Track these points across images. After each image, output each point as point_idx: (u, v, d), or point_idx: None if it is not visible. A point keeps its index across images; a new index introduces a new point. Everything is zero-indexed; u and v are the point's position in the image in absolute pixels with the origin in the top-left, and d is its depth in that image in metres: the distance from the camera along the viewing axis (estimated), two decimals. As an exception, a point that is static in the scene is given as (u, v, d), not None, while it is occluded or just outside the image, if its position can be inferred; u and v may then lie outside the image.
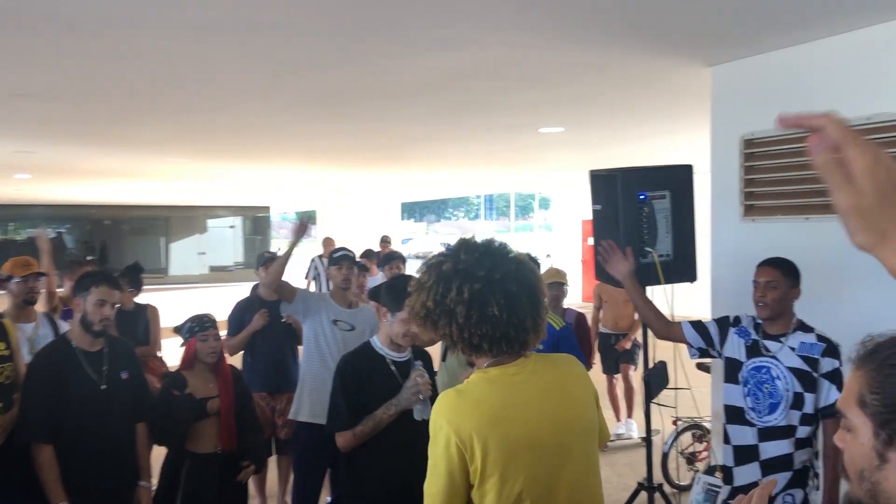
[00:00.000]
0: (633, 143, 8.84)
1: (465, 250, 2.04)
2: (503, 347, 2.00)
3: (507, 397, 1.99)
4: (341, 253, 4.79)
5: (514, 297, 1.99)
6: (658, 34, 4.00)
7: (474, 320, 1.96)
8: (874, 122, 3.67)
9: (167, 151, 9.44)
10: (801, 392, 3.27)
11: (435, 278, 2.02)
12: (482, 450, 1.91)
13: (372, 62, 4.57)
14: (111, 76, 4.93)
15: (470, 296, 1.96)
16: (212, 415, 3.90)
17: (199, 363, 4.00)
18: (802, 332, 3.36)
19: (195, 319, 4.05)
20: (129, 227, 26.90)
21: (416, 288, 2.09)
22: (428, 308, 2.02)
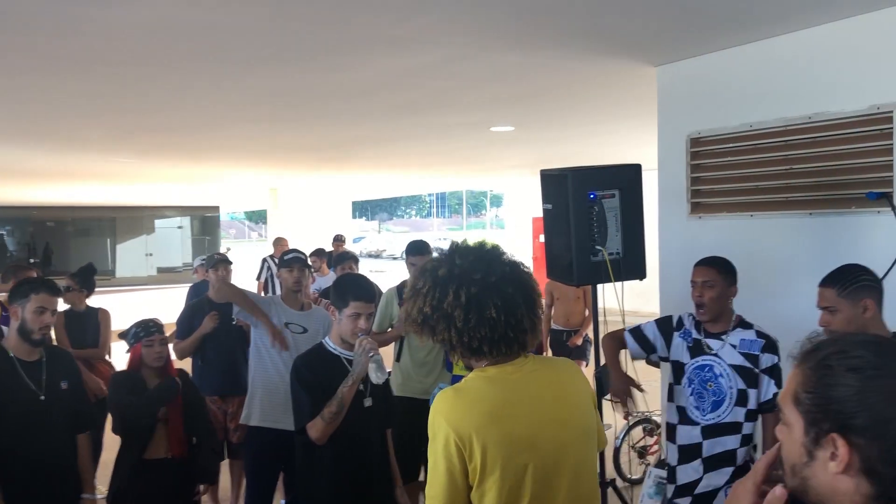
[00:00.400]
0: (583, 142, 8.93)
1: (460, 255, 2.06)
2: (502, 349, 2.01)
3: (505, 396, 1.99)
4: (292, 255, 4.74)
5: (511, 299, 2.00)
6: (604, 35, 4.05)
7: (473, 323, 1.97)
8: (814, 122, 3.76)
9: (111, 151, 9.25)
10: (744, 388, 3.33)
11: (431, 283, 2.03)
12: (481, 448, 1.90)
13: (321, 60, 4.53)
14: (52, 76, 4.81)
15: (467, 299, 1.97)
16: (160, 421, 3.83)
17: (145, 368, 3.91)
18: (742, 329, 3.42)
19: (140, 324, 3.98)
20: (73, 229, 26.31)
21: (411, 294, 2.09)
22: (425, 314, 2.02)
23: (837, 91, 3.68)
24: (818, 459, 1.14)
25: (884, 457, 1.07)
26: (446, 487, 1.94)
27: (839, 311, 2.81)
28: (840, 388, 1.12)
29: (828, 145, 3.74)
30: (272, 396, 4.45)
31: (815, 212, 3.82)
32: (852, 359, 1.13)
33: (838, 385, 1.12)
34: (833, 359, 1.15)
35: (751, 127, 4.07)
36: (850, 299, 2.80)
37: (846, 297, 2.80)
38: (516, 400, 1.98)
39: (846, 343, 1.17)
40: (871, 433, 1.08)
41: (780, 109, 3.93)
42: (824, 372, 1.15)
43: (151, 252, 27.08)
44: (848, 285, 2.80)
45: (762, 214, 4.07)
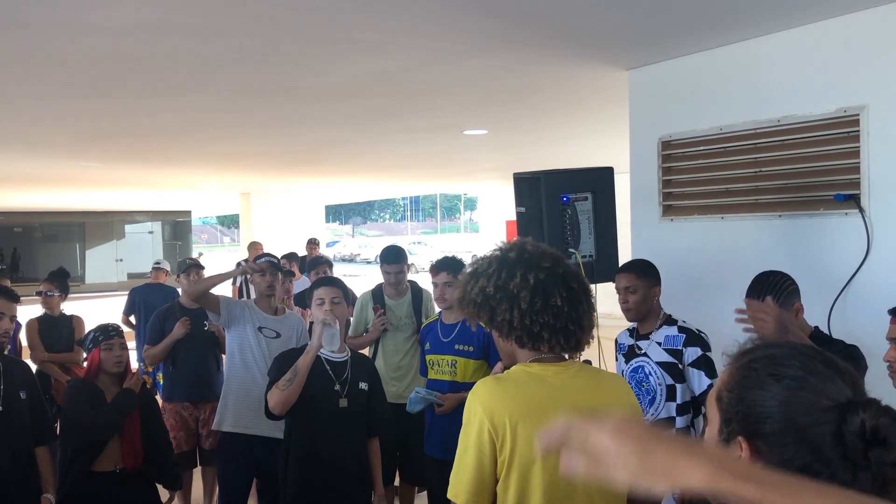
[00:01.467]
0: (556, 146, 8.97)
1: (530, 244, 2.07)
2: (560, 340, 1.98)
3: (543, 393, 1.96)
4: (264, 259, 4.71)
5: (576, 294, 2.01)
6: (577, 39, 4.06)
7: (538, 307, 1.95)
8: (783, 125, 3.81)
9: (79, 156, 9.13)
10: (672, 384, 3.43)
11: (497, 265, 2.01)
12: (512, 439, 1.88)
13: (290, 64, 4.50)
14: (15, 78, 4.73)
15: (535, 283, 1.96)
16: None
17: (103, 374, 3.80)
18: (667, 326, 3.52)
19: (99, 329, 3.89)
20: (41, 234, 25.91)
21: (471, 275, 2.06)
22: (487, 293, 1.99)
23: (806, 94, 3.73)
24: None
25: (782, 467, 1.06)
26: (473, 476, 1.89)
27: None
28: (756, 392, 1.12)
29: (796, 148, 3.79)
30: (245, 402, 4.41)
31: (784, 213, 3.86)
32: (778, 367, 1.13)
33: (756, 389, 1.12)
34: (760, 363, 1.15)
35: (721, 130, 4.11)
36: (786, 307, 2.92)
37: (782, 305, 2.91)
38: (553, 400, 1.95)
39: (779, 350, 1.16)
40: (775, 441, 1.08)
41: (750, 112, 3.97)
42: (747, 374, 1.15)
43: (122, 258, 26.76)
44: (781, 293, 2.94)
45: (733, 216, 4.11)
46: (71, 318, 5.92)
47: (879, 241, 3.47)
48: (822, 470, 1.04)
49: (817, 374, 1.09)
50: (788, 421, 1.06)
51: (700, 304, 4.15)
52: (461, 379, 4.08)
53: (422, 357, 4.42)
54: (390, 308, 4.98)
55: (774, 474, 0.96)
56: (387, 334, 4.94)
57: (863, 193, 3.50)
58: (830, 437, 1.06)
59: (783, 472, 1.04)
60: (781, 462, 1.07)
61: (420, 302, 5.09)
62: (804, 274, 3.75)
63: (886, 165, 3.43)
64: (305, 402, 3.35)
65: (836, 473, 1.03)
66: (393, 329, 4.96)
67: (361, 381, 3.54)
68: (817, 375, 1.09)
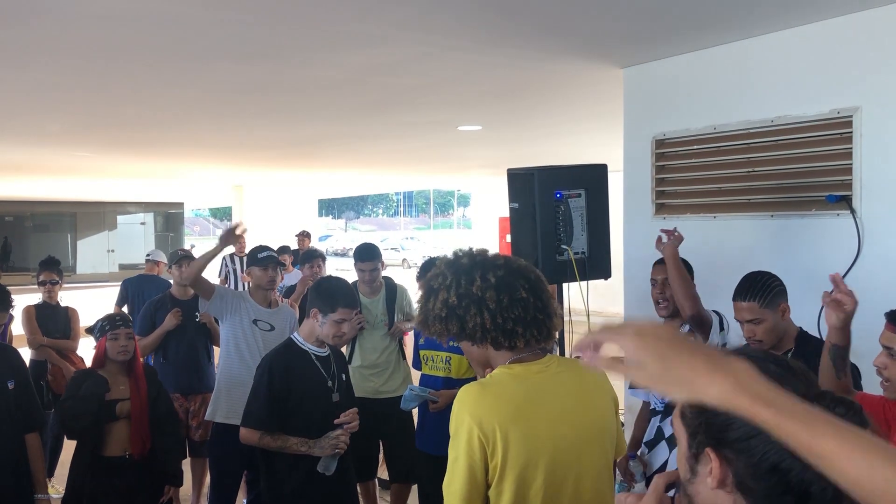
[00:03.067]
0: (550, 143, 8.97)
1: (477, 249, 2.08)
2: (534, 332, 1.98)
3: (529, 394, 1.95)
4: (266, 254, 4.69)
5: (536, 284, 2.02)
6: (571, 36, 4.07)
7: (506, 303, 1.95)
8: (777, 125, 3.82)
9: (70, 145, 9.08)
10: None
11: (453, 274, 2.00)
12: (503, 444, 1.87)
13: (284, 55, 4.49)
14: (9, 65, 4.70)
15: (497, 280, 1.96)
16: (122, 417, 3.77)
17: (110, 363, 3.86)
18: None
19: (106, 318, 3.95)
20: (32, 224, 25.79)
21: (427, 293, 2.04)
22: (450, 305, 1.97)
23: (799, 95, 3.74)
24: (699, 475, 1.14)
25: (752, 472, 1.07)
26: (466, 484, 1.89)
27: (764, 321, 2.93)
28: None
29: (789, 148, 3.80)
30: (239, 393, 4.40)
31: (776, 213, 3.88)
32: None
33: None
34: None
35: (714, 129, 4.12)
36: (771, 308, 2.92)
37: (767, 306, 2.91)
38: (539, 399, 1.95)
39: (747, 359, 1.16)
40: (741, 446, 1.08)
41: (744, 112, 3.98)
42: None
43: (113, 248, 26.67)
44: (767, 294, 2.92)
45: (725, 216, 4.13)
46: (66, 308, 6.07)
47: (870, 243, 3.49)
48: (793, 466, 1.04)
49: (770, 374, 1.08)
50: (749, 424, 1.04)
51: (691, 302, 4.17)
52: (455, 375, 4.10)
53: (415, 351, 4.43)
54: (366, 306, 4.97)
55: (792, 400, 0.98)
56: (363, 332, 4.94)
57: (855, 195, 3.52)
58: None
59: (754, 473, 1.07)
60: (752, 464, 1.07)
61: (394, 299, 5.09)
62: (795, 274, 3.77)
63: (878, 167, 3.45)
64: (303, 405, 3.32)
65: (805, 470, 1.02)
66: (369, 327, 4.96)
67: (343, 372, 3.57)
68: (770, 375, 1.07)
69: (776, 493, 1.07)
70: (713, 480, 1.10)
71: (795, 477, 1.05)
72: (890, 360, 2.73)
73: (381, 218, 72.93)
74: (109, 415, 3.73)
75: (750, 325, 2.95)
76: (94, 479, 3.68)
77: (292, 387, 3.31)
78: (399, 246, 39.16)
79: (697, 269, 4.23)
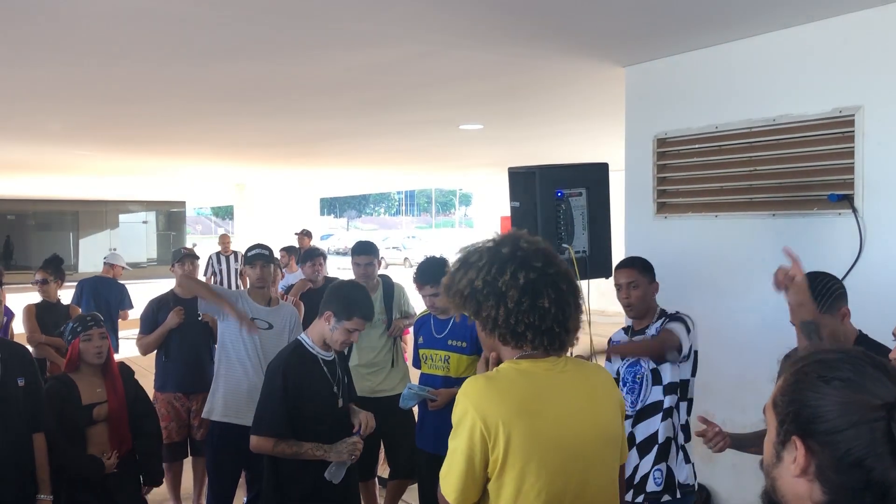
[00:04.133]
0: (552, 142, 8.97)
1: (525, 240, 2.02)
2: (544, 342, 1.96)
3: (535, 390, 1.93)
4: (256, 252, 4.67)
5: (564, 296, 1.98)
6: (573, 35, 4.06)
7: (525, 307, 1.92)
8: (778, 124, 3.82)
9: (72, 143, 9.08)
10: (655, 367, 3.44)
11: (489, 259, 1.97)
12: (505, 438, 1.86)
13: (287, 54, 4.49)
14: (8, 63, 4.71)
15: (525, 283, 1.93)
16: (99, 421, 3.73)
17: (85, 365, 3.78)
18: (660, 320, 3.52)
19: (78, 319, 3.86)
20: (34, 223, 25.78)
21: (460, 265, 2.03)
22: (475, 287, 1.96)
23: (801, 94, 3.73)
24: (784, 461, 1.20)
25: (835, 464, 1.12)
26: (463, 473, 1.88)
27: (823, 327, 2.68)
28: (808, 394, 1.17)
29: (791, 147, 3.80)
30: (235, 391, 4.41)
31: (778, 213, 3.87)
32: (828, 370, 1.18)
33: (807, 391, 1.18)
34: (810, 367, 1.21)
35: (716, 128, 4.11)
36: (831, 313, 2.73)
37: (827, 311, 2.71)
38: (546, 396, 1.94)
39: (829, 355, 1.22)
40: (827, 439, 1.13)
41: (746, 111, 3.97)
42: (799, 377, 1.21)
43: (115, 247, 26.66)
44: (827, 299, 2.73)
45: (727, 215, 4.12)
46: (68, 306, 6.10)
47: (872, 242, 3.48)
48: (876, 465, 1.10)
49: (866, 375, 1.15)
50: (839, 419, 1.12)
51: (693, 301, 4.16)
52: (454, 374, 4.09)
53: (415, 350, 4.43)
54: None
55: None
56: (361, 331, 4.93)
57: (856, 194, 3.51)
58: (881, 435, 1.11)
59: (837, 466, 1.13)
60: (835, 459, 1.12)
61: (392, 297, 5.08)
62: (796, 273, 3.76)
63: (880, 166, 3.44)
64: (312, 411, 3.29)
65: (888, 470, 1.09)
66: (367, 326, 4.95)
67: (346, 375, 3.55)
68: (866, 377, 1.15)
69: (855, 489, 1.11)
70: (796, 468, 1.16)
71: (878, 475, 1.10)
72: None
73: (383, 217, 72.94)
74: (87, 420, 3.68)
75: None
76: (70, 481, 3.63)
77: (303, 393, 3.27)
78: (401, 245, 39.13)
79: (699, 268, 4.24)
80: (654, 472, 3.43)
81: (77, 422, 3.66)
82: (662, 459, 3.44)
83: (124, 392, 3.83)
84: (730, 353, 4.03)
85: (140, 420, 3.90)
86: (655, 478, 3.42)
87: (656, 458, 3.43)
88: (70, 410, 3.64)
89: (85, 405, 3.70)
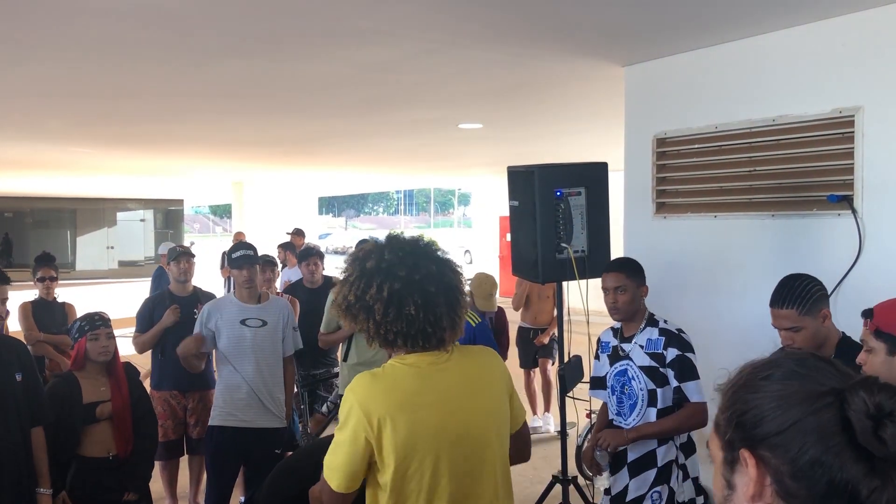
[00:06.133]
0: (551, 142, 8.96)
1: (390, 249, 2.10)
2: (418, 343, 2.07)
3: (419, 384, 2.05)
4: (241, 253, 4.65)
5: (432, 298, 2.06)
6: (573, 34, 4.05)
7: (391, 318, 2.03)
8: (778, 124, 3.80)
9: (70, 141, 9.06)
10: (654, 388, 3.36)
11: (358, 273, 2.09)
12: (389, 432, 1.96)
13: (286, 51, 4.48)
14: (9, 60, 4.69)
15: (389, 294, 2.03)
16: (103, 419, 3.73)
17: (90, 363, 3.80)
18: (650, 328, 3.43)
19: (85, 318, 3.87)
20: (32, 220, 25.78)
21: (341, 280, 2.15)
22: (349, 301, 2.09)
23: (801, 94, 3.72)
24: (736, 490, 1.06)
25: (791, 469, 0.98)
26: (345, 465, 2.00)
27: (803, 329, 2.75)
28: (747, 396, 1.05)
29: (791, 148, 3.79)
30: (233, 394, 4.40)
31: (777, 213, 3.86)
32: (767, 369, 1.07)
33: (746, 394, 1.05)
34: (747, 372, 1.09)
35: (716, 128, 4.10)
36: (812, 315, 2.74)
37: (808, 313, 2.73)
38: (429, 389, 2.04)
39: (770, 358, 1.10)
40: (778, 440, 1.00)
41: (745, 111, 3.96)
42: (738, 387, 1.08)
43: (113, 245, 26.66)
44: (807, 301, 2.74)
45: (726, 215, 4.11)
46: (63, 304, 6.09)
47: (871, 243, 3.47)
48: (833, 462, 0.96)
49: (808, 366, 1.04)
50: (785, 414, 0.99)
51: (692, 302, 4.16)
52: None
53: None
54: None
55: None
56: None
57: (856, 195, 3.50)
58: (834, 424, 0.97)
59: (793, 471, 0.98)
60: (789, 461, 0.98)
61: None
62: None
63: (880, 167, 3.43)
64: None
65: (845, 465, 0.95)
66: None
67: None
68: (809, 367, 1.03)
69: (822, 496, 0.96)
70: (751, 486, 1.01)
71: (839, 474, 0.95)
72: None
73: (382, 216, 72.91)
74: (89, 418, 3.68)
75: (788, 332, 2.77)
76: (73, 480, 3.64)
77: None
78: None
79: (697, 268, 4.23)
80: (651, 494, 3.39)
81: (74, 420, 3.65)
82: (664, 482, 3.41)
83: (129, 392, 3.82)
84: (728, 353, 3.99)
85: (140, 422, 3.90)
86: (654, 499, 3.40)
87: (655, 481, 3.40)
88: (69, 408, 3.63)
89: (87, 403, 3.71)
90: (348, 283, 2.10)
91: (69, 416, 3.63)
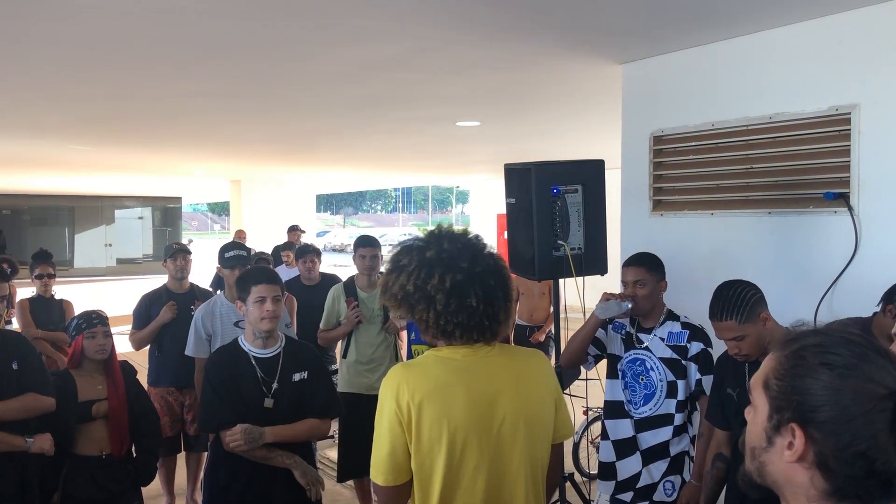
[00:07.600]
0: (549, 140, 8.96)
1: (448, 240, 2.10)
2: (474, 335, 2.06)
3: (450, 375, 2.03)
4: (233, 253, 4.64)
5: (492, 291, 2.06)
6: (570, 32, 4.05)
7: (452, 308, 2.02)
8: (775, 122, 3.81)
9: (68, 138, 9.05)
10: (673, 380, 3.41)
11: (417, 263, 2.07)
12: (417, 420, 1.97)
13: (285, 51, 4.47)
14: (8, 57, 4.68)
15: (451, 285, 2.02)
16: (98, 418, 3.72)
17: (87, 361, 3.79)
18: (671, 322, 3.49)
19: (82, 316, 3.86)
20: (30, 218, 25.73)
21: (394, 269, 2.12)
22: (407, 291, 2.06)
23: (798, 92, 3.72)
24: (776, 446, 1.16)
25: (837, 454, 1.09)
26: (388, 458, 2.00)
27: (746, 336, 2.82)
28: (808, 381, 1.13)
29: (787, 145, 3.79)
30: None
31: (774, 211, 3.87)
32: (828, 354, 1.13)
33: (808, 377, 1.13)
34: (809, 350, 1.16)
35: (713, 126, 4.10)
36: (751, 321, 2.80)
37: (747, 321, 2.80)
38: (458, 381, 2.03)
39: (827, 338, 1.17)
40: (830, 429, 1.09)
41: (742, 109, 3.97)
42: (797, 362, 1.16)
43: (111, 242, 26.64)
44: (743, 310, 2.80)
45: (722, 213, 4.11)
46: (61, 301, 6.09)
47: (867, 241, 3.47)
48: (879, 456, 1.07)
49: (869, 361, 1.10)
50: (842, 409, 1.08)
51: (688, 299, 4.15)
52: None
53: (409, 346, 4.44)
54: (363, 300, 4.96)
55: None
56: (360, 327, 4.93)
57: (852, 192, 3.51)
58: (885, 426, 1.07)
59: (839, 456, 1.09)
60: (837, 449, 1.09)
61: None
62: (792, 271, 3.76)
63: (876, 165, 3.44)
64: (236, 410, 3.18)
65: (891, 461, 1.06)
66: (366, 322, 4.94)
67: (297, 372, 3.33)
68: (869, 363, 1.10)
69: (858, 477, 1.08)
70: (793, 454, 1.13)
71: (881, 466, 1.07)
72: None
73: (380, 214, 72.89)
74: (84, 416, 3.68)
75: (733, 342, 2.85)
76: (65, 478, 3.62)
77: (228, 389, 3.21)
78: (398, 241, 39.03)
79: (694, 265, 4.23)
80: (664, 483, 3.43)
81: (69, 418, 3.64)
82: (676, 472, 3.45)
83: (126, 391, 3.82)
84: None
85: (141, 420, 3.89)
86: (666, 488, 3.43)
87: (668, 470, 3.43)
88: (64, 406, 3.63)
89: (83, 401, 3.70)
90: (406, 272, 2.07)
91: (64, 414, 3.62)
